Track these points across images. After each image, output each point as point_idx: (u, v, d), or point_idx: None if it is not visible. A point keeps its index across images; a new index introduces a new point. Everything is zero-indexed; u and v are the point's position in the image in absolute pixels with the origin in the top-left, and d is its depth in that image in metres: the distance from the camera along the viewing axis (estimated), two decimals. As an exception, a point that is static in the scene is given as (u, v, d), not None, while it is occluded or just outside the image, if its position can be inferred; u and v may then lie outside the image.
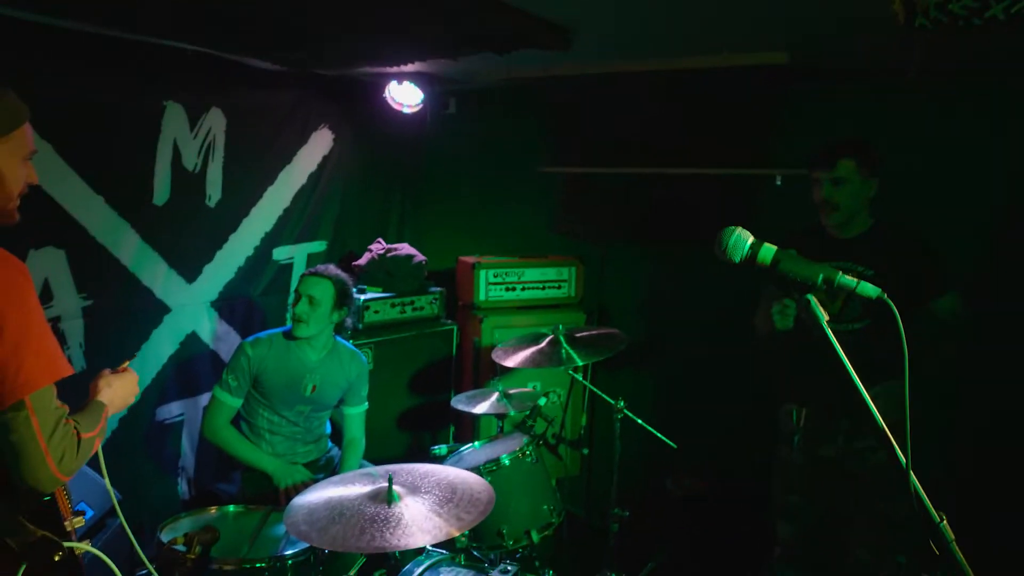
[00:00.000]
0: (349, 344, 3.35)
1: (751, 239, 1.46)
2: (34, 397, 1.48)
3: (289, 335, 3.12)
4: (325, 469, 3.25)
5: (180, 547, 2.10)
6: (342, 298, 3.14)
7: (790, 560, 2.93)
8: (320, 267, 3.18)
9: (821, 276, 1.38)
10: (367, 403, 3.36)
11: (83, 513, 1.73)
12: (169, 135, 3.31)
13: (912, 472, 1.27)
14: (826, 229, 2.79)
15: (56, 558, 1.52)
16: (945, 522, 1.25)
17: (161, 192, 3.32)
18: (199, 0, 2.40)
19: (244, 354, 3.06)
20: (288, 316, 4.01)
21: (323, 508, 2.11)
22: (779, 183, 3.49)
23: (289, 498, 2.54)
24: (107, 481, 1.84)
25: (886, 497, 2.58)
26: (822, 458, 2.77)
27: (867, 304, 2.48)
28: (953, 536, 1.24)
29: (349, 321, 3.38)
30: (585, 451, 3.77)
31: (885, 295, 1.33)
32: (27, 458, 1.47)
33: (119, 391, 1.85)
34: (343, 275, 3.19)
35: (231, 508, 2.63)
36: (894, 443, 1.29)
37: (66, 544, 1.55)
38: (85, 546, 1.63)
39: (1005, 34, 2.48)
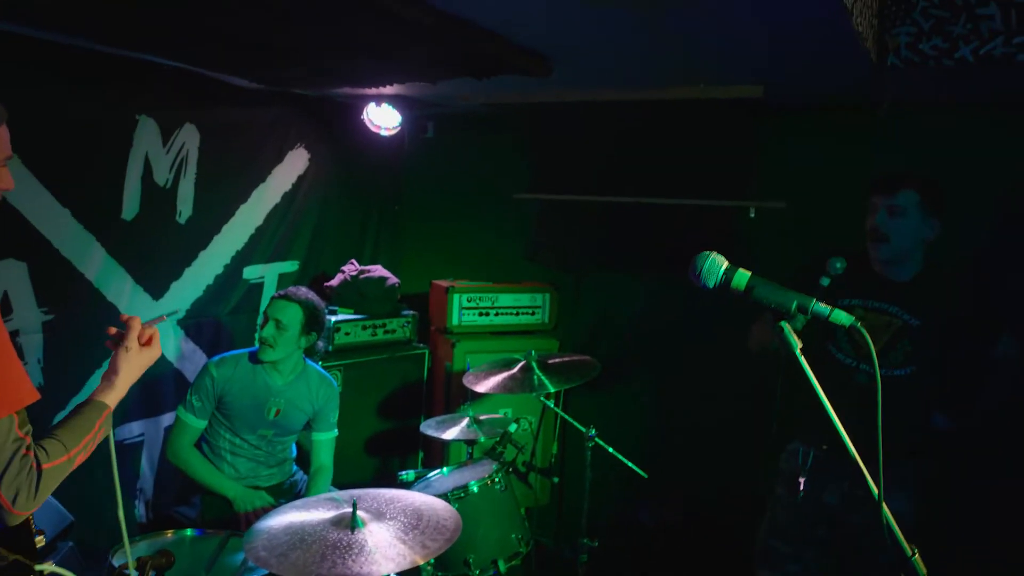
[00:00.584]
0: (319, 368, 3.28)
1: (726, 264, 1.46)
2: None
3: (255, 357, 3.06)
4: (288, 493, 3.18)
5: (132, 572, 2.02)
6: (311, 323, 3.07)
7: None
8: (291, 289, 3.12)
9: (795, 303, 1.37)
10: (336, 430, 3.28)
11: (43, 532, 1.66)
12: (141, 149, 3.25)
13: (884, 504, 1.26)
14: (873, 265, 2.59)
15: None
16: (917, 555, 1.23)
17: (130, 207, 3.25)
18: (177, 15, 2.37)
19: (209, 375, 2.99)
20: (256, 337, 3.95)
21: (284, 533, 2.05)
22: (752, 215, 3.52)
23: (249, 523, 2.47)
24: (117, 484, 1.74)
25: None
26: (824, 504, 2.62)
27: (911, 352, 2.48)
28: (926, 571, 1.23)
29: (321, 344, 3.31)
30: (556, 479, 3.73)
31: (859, 324, 1.32)
32: None
33: (136, 371, 1.75)
34: (314, 299, 3.13)
35: (188, 532, 2.54)
36: (867, 475, 1.28)
37: (36, 567, 1.48)
38: (51, 567, 1.56)
39: (976, 75, 2.56)
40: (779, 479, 2.77)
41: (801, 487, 2.61)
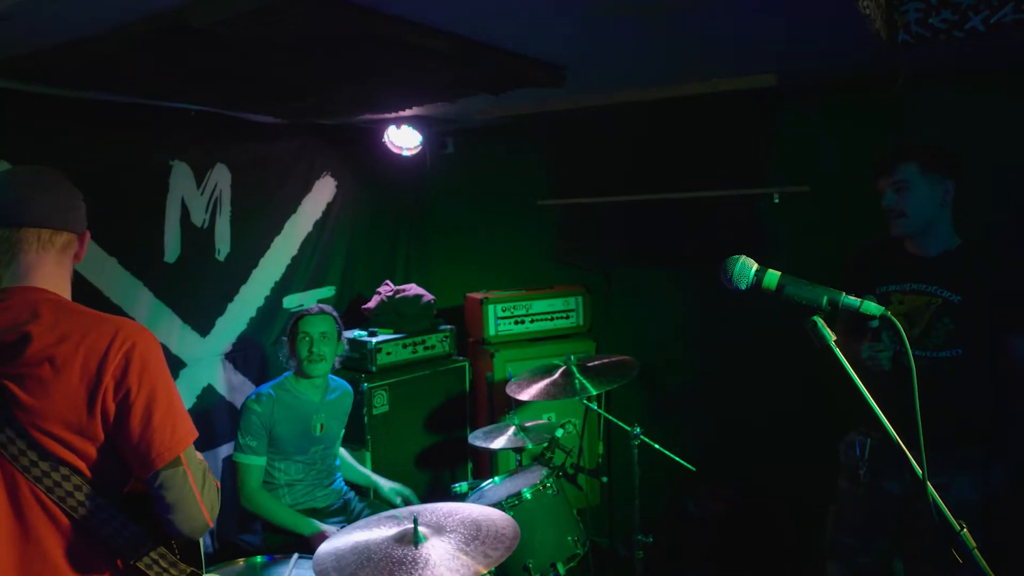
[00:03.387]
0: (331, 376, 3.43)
1: (755, 266, 1.50)
2: (187, 453, 1.61)
3: (288, 383, 3.18)
4: (343, 512, 3.26)
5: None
6: (341, 331, 3.27)
7: None
8: (312, 307, 3.29)
9: (825, 298, 1.41)
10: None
11: None
12: (177, 193, 3.39)
13: (928, 483, 1.30)
14: (905, 246, 2.59)
15: None
16: (966, 530, 1.27)
17: (172, 250, 3.38)
18: (200, 63, 2.48)
19: (252, 412, 3.08)
20: (286, 362, 4.04)
21: (351, 553, 2.13)
22: (776, 200, 3.54)
23: (315, 544, 2.55)
24: (211, 539, 1.92)
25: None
26: (887, 494, 2.59)
27: (954, 331, 2.43)
28: (975, 544, 1.26)
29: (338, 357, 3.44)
30: (604, 479, 3.77)
31: (889, 313, 1.35)
32: (186, 512, 1.58)
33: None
34: (333, 309, 3.33)
35: (258, 559, 2.64)
36: (909, 455, 1.32)
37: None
38: None
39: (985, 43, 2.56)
40: (840, 472, 2.75)
41: (862, 478, 2.59)
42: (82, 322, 1.58)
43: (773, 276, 1.47)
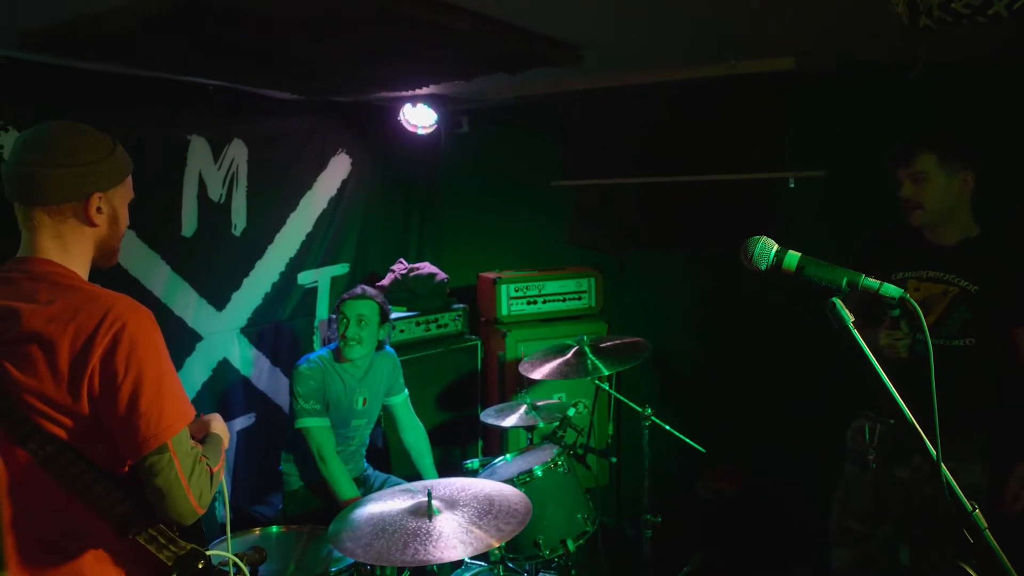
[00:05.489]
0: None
1: (775, 247, 1.51)
2: (175, 440, 1.55)
3: (336, 356, 3.18)
4: (362, 485, 3.30)
5: (231, 567, 2.16)
6: (384, 315, 3.23)
7: None
8: (358, 289, 3.24)
9: (845, 280, 1.42)
10: (406, 389, 3.48)
11: None
12: (194, 168, 3.41)
13: (943, 464, 1.31)
14: (923, 233, 2.57)
15: (200, 566, 1.65)
16: (978, 511, 1.29)
17: (189, 224, 3.41)
18: (219, 38, 2.49)
19: (305, 376, 3.08)
20: (315, 340, 4.09)
21: (366, 524, 2.18)
22: (792, 185, 3.53)
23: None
24: (227, 511, 1.90)
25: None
26: (895, 479, 2.59)
27: (970, 320, 2.43)
28: (986, 524, 1.28)
29: (387, 338, 3.45)
30: (614, 459, 3.81)
31: (907, 295, 1.36)
32: (172, 498, 1.54)
33: (222, 426, 1.90)
34: (380, 294, 3.28)
35: (274, 529, 2.69)
36: (925, 437, 1.33)
37: (207, 552, 1.68)
38: (221, 552, 1.74)
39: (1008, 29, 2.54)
40: (847, 458, 2.75)
41: (870, 464, 2.59)
42: (76, 300, 1.55)
43: (793, 257, 1.48)
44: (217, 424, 1.87)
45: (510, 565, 2.81)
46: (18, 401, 1.50)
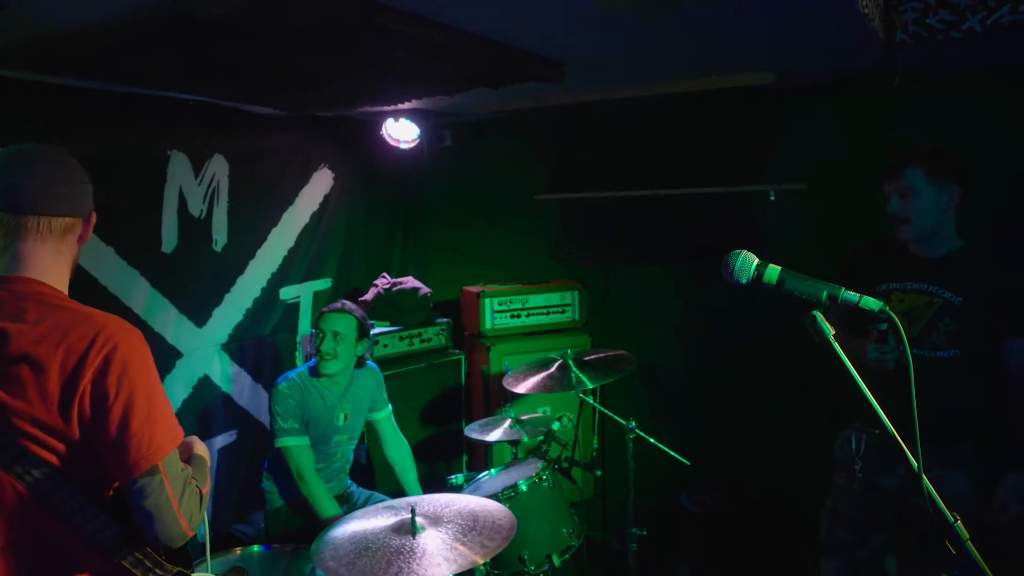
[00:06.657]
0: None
1: (756, 261, 1.51)
2: (166, 462, 1.54)
3: (314, 372, 3.15)
4: (346, 502, 3.27)
5: (210, 589, 2.13)
6: (363, 330, 3.19)
7: None
8: (336, 304, 3.21)
9: (825, 293, 1.43)
10: (390, 404, 3.44)
11: None
12: (174, 183, 3.38)
13: (924, 476, 1.32)
14: (908, 246, 2.58)
15: None
16: (959, 522, 1.29)
17: (169, 240, 3.38)
18: (200, 54, 2.47)
19: (283, 395, 3.05)
20: (298, 355, 4.06)
21: (349, 543, 2.15)
22: (772, 198, 3.56)
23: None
24: (207, 531, 1.88)
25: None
26: (883, 489, 2.60)
27: (955, 332, 2.44)
28: (969, 535, 1.28)
29: (368, 353, 3.42)
30: (599, 473, 3.79)
31: (887, 308, 1.37)
32: (162, 521, 1.52)
33: (203, 447, 1.89)
34: (359, 309, 3.25)
35: (255, 548, 2.66)
36: (906, 448, 1.34)
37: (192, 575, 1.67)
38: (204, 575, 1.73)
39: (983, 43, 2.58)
40: (835, 468, 2.75)
41: (857, 474, 2.60)
42: (65, 320, 1.52)
43: (774, 271, 1.49)
44: (198, 446, 1.85)
45: (495, 581, 2.79)
46: (5, 424, 1.47)
